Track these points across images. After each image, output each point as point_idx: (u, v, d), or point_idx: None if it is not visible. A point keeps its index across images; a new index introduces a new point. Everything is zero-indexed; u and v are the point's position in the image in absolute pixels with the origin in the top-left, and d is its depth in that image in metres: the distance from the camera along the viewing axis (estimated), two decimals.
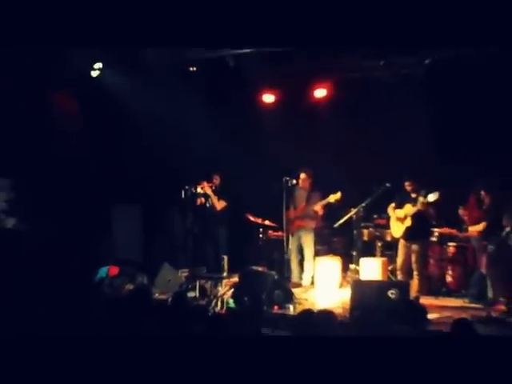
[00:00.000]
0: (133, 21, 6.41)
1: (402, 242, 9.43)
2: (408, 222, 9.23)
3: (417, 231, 9.22)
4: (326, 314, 5.05)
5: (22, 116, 9.87)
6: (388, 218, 9.84)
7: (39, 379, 4.07)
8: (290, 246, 10.45)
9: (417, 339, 4.63)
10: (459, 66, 9.50)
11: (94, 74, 10.77)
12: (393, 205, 9.57)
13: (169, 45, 8.57)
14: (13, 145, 9.80)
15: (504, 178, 8.76)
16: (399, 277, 9.46)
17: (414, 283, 9.14)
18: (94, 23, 6.45)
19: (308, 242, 10.56)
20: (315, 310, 5.28)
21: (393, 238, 9.86)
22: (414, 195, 9.18)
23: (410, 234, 9.28)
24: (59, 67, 10.52)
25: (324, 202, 10.23)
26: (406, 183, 9.30)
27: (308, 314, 5.14)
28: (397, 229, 9.48)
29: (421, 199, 8.97)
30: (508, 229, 8.17)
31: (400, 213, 9.38)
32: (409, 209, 9.20)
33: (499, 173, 9.05)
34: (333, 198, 10.09)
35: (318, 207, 10.30)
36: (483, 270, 9.02)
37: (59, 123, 10.81)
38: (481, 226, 9.13)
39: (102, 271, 9.88)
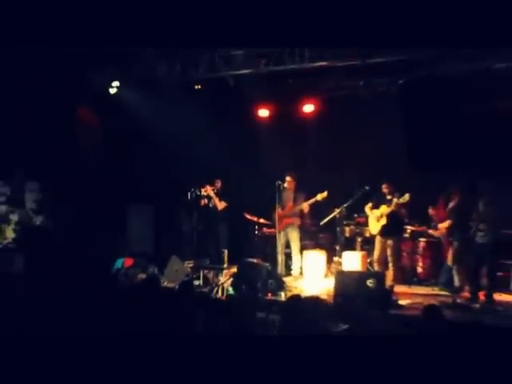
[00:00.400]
0: (135, 22, 6.33)
1: (378, 238, 9.41)
2: (383, 221, 9.22)
3: (391, 228, 9.21)
4: (313, 300, 5.03)
5: (49, 128, 9.87)
6: (367, 217, 9.83)
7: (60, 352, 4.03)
8: (280, 241, 10.45)
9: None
10: (429, 85, 9.53)
11: (112, 91, 10.81)
12: (370, 205, 9.57)
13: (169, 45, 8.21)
14: (41, 152, 9.82)
15: (469, 185, 8.77)
16: (376, 268, 9.43)
17: (390, 273, 9.13)
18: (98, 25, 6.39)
19: (294, 237, 10.49)
20: (302, 296, 5.25)
21: (371, 234, 9.84)
22: (389, 197, 9.18)
23: (385, 231, 9.27)
24: (82, 86, 10.55)
25: (313, 200, 10.19)
26: (383, 186, 9.29)
27: (296, 299, 5.12)
28: (374, 226, 9.47)
29: (395, 200, 8.98)
30: (474, 228, 8.17)
31: (377, 212, 9.37)
32: (384, 209, 9.20)
33: (464, 180, 9.06)
34: (320, 196, 10.07)
35: (306, 205, 10.29)
36: (450, 262, 9.03)
37: (82, 134, 10.83)
38: (446, 224, 9.17)
39: (119, 262, 9.88)
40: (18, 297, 5.67)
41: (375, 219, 9.41)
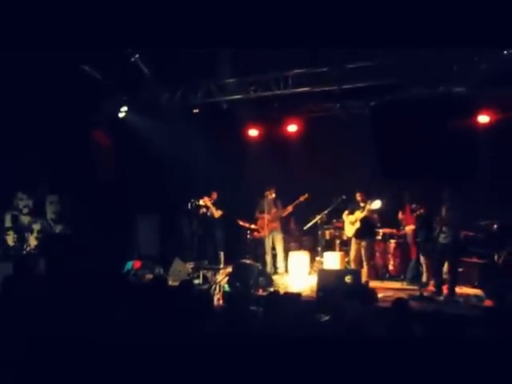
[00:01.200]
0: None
1: (353, 240, 9.40)
2: (357, 225, 9.22)
3: (364, 231, 9.22)
4: (292, 295, 5.01)
5: (68, 148, 9.90)
6: (343, 222, 9.85)
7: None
8: (268, 244, 10.53)
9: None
10: (396, 106, 9.60)
11: (121, 115, 10.84)
12: (346, 212, 9.58)
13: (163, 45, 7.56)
14: (61, 169, 9.83)
15: (432, 192, 8.82)
16: (353, 266, 9.42)
17: (364, 271, 9.13)
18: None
19: (278, 240, 10.59)
20: (282, 292, 5.24)
21: (347, 237, 9.86)
22: (362, 204, 9.21)
23: (358, 234, 9.27)
24: (96, 111, 10.61)
25: (296, 202, 10.30)
26: (357, 194, 9.33)
27: (274, 295, 5.12)
28: (350, 230, 9.47)
29: (367, 207, 9.01)
30: (437, 230, 8.21)
31: (352, 218, 9.37)
32: (358, 215, 9.20)
33: (428, 188, 9.11)
34: (302, 198, 10.18)
35: (290, 208, 10.43)
36: (416, 260, 9.06)
37: (96, 153, 10.84)
38: (412, 227, 9.22)
39: (129, 264, 9.86)
40: (40, 295, 5.64)
41: (350, 224, 9.42)
